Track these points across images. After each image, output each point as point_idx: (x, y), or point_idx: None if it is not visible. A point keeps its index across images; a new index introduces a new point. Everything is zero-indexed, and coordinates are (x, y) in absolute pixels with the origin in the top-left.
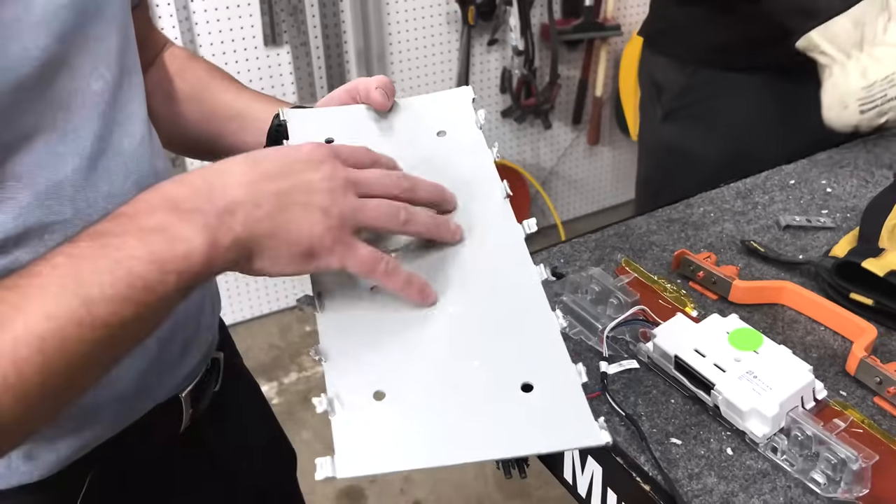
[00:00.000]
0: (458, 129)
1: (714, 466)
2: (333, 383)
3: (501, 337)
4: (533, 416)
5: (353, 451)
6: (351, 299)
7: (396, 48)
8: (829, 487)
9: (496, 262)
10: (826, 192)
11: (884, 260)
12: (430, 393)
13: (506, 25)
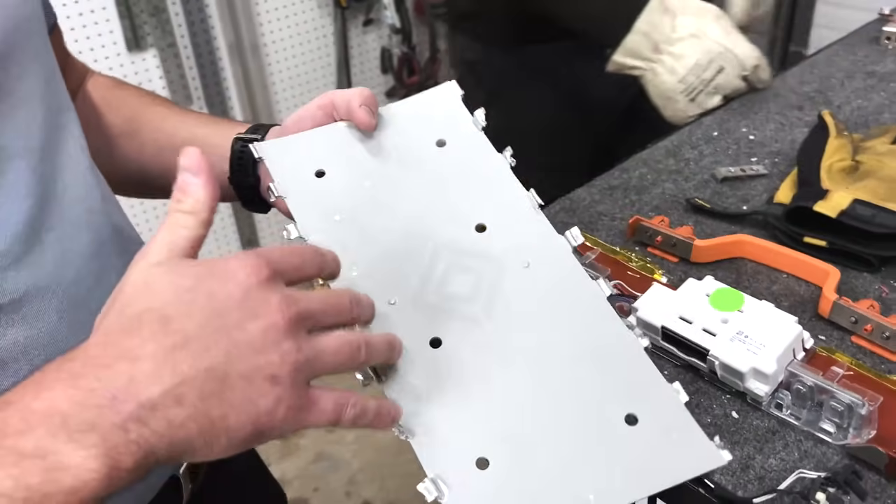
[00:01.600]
0: (457, 136)
1: (724, 432)
2: (430, 463)
3: (584, 366)
4: (647, 451)
5: None
6: (406, 357)
7: (269, 38)
8: (838, 435)
9: (549, 283)
10: (749, 139)
11: (832, 201)
12: (534, 447)
13: (379, 4)
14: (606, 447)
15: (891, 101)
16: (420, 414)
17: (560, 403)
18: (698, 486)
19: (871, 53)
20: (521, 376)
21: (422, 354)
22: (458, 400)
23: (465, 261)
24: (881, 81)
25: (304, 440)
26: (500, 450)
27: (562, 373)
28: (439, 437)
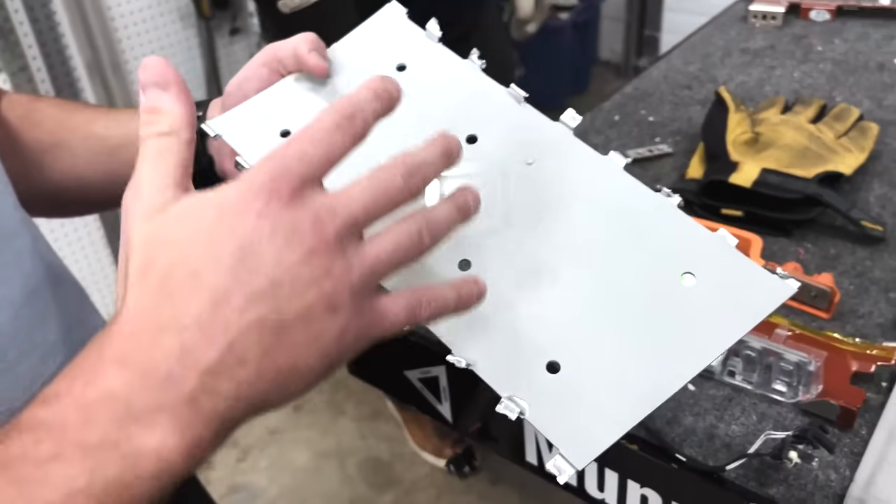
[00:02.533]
0: (415, 55)
1: (684, 406)
2: (500, 385)
3: (622, 241)
4: (715, 303)
5: (573, 436)
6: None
7: (131, 55)
8: (790, 394)
9: (559, 172)
10: (649, 120)
11: (743, 172)
12: (599, 336)
13: (245, 13)
14: (674, 313)
15: (768, 74)
16: (473, 339)
17: (611, 286)
18: (671, 461)
19: (743, 31)
20: (561, 271)
21: (454, 278)
22: (506, 313)
23: (467, 174)
24: (756, 57)
25: (214, 472)
26: (565, 349)
27: (602, 255)
28: (500, 355)
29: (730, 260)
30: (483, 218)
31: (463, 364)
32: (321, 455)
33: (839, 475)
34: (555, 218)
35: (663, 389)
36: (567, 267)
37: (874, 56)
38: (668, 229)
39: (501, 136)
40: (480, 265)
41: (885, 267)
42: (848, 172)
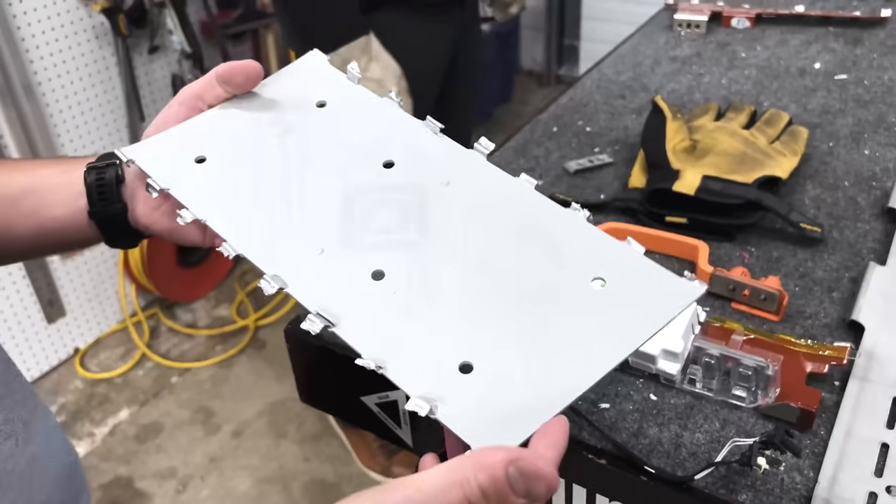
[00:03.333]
0: (335, 93)
1: (648, 417)
2: (412, 385)
3: (534, 253)
4: (625, 306)
5: (484, 434)
6: (351, 298)
7: (44, 76)
8: (750, 398)
9: (475, 192)
10: (586, 131)
11: (686, 180)
12: (511, 339)
13: (163, 29)
14: (585, 315)
15: (697, 81)
16: (384, 344)
17: (523, 292)
18: (639, 473)
19: (670, 40)
20: (474, 280)
21: (367, 289)
22: (419, 318)
23: (383, 196)
24: (684, 65)
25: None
26: (478, 351)
27: (515, 265)
28: (412, 358)
29: (639, 266)
30: (398, 232)
31: (372, 366)
32: (264, 480)
33: (803, 477)
34: (469, 232)
35: (575, 387)
36: (480, 276)
37: (794, 61)
38: (578, 240)
39: (418, 162)
40: (394, 276)
41: (826, 267)
42: (784, 176)
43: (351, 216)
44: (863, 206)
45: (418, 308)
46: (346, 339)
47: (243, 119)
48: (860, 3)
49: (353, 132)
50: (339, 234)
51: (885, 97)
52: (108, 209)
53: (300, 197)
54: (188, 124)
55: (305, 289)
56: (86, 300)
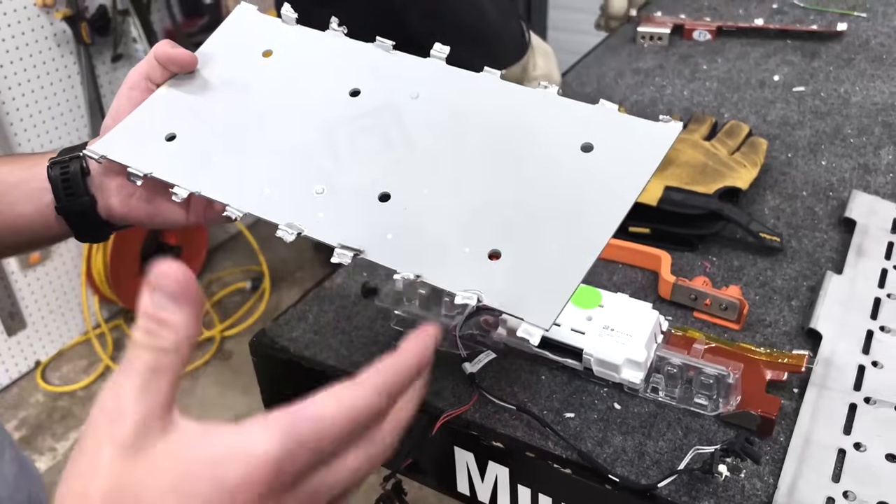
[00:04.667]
0: (277, 40)
1: (612, 425)
2: (453, 284)
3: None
4: (619, 158)
5: (533, 305)
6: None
7: (4, 84)
8: (711, 406)
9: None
10: None
11: (649, 191)
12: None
13: (127, 37)
14: (584, 179)
15: (660, 93)
16: (413, 256)
17: (523, 174)
18: (604, 482)
19: (633, 52)
20: (473, 176)
21: (379, 213)
22: (435, 225)
23: (359, 123)
24: (647, 77)
25: None
26: (500, 236)
27: (507, 153)
28: (443, 261)
29: (617, 122)
30: (384, 153)
31: (411, 276)
32: None
33: (764, 483)
34: (452, 135)
35: (598, 240)
36: (476, 172)
37: (754, 73)
38: (555, 113)
39: (381, 83)
40: (399, 193)
41: (785, 276)
42: (744, 187)
43: (337, 151)
44: (820, 216)
45: (431, 216)
46: (378, 260)
47: (196, 88)
48: (817, 17)
49: (308, 71)
50: (333, 171)
51: (841, 109)
52: (76, 203)
53: (281, 146)
54: (145, 107)
55: (322, 228)
56: (47, 311)
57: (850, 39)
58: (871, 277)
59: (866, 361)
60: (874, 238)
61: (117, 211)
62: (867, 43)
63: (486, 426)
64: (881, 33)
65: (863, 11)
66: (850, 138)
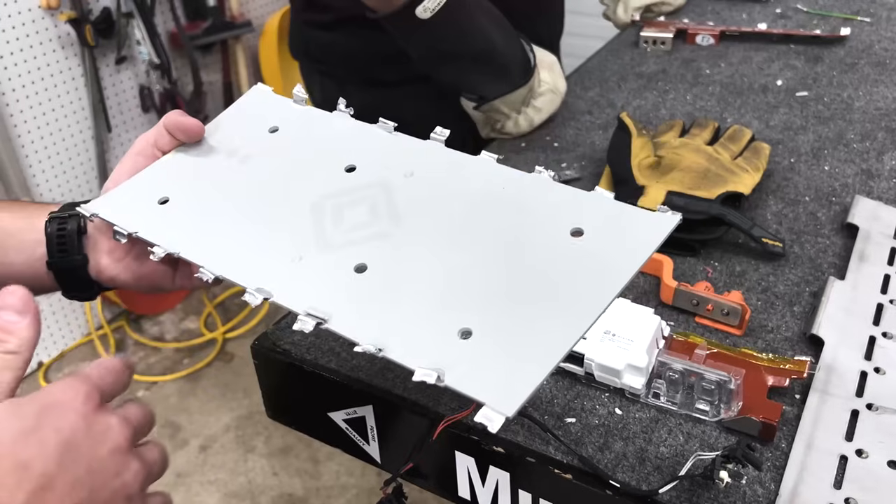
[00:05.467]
0: (285, 118)
1: (613, 431)
2: (415, 360)
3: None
4: (609, 246)
5: (497, 389)
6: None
7: (8, 86)
8: (713, 412)
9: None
10: (554, 146)
11: (650, 196)
12: (506, 294)
13: (131, 40)
14: (572, 264)
15: (663, 98)
16: (379, 329)
17: (508, 255)
18: (605, 488)
19: (636, 56)
20: (457, 253)
21: (352, 283)
22: (410, 300)
23: (349, 196)
24: (650, 81)
25: None
26: (474, 316)
27: (493, 232)
28: (410, 335)
29: (612, 210)
30: (372, 225)
31: (372, 350)
32: (232, 496)
33: (765, 489)
34: (441, 212)
35: (576, 330)
36: (461, 249)
37: (757, 78)
38: (548, 199)
39: (378, 161)
40: (376, 265)
41: (787, 281)
42: (747, 192)
43: (322, 221)
44: (823, 222)
45: (406, 290)
46: (340, 331)
47: (199, 157)
48: (821, 21)
49: (310, 147)
50: (314, 240)
51: (844, 114)
52: (68, 261)
53: (269, 214)
54: (145, 172)
55: (290, 294)
56: (50, 313)
57: (854, 44)
58: (873, 283)
59: (868, 368)
60: (877, 244)
61: (106, 272)
62: (871, 48)
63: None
64: (885, 38)
65: (866, 16)
66: (854, 143)
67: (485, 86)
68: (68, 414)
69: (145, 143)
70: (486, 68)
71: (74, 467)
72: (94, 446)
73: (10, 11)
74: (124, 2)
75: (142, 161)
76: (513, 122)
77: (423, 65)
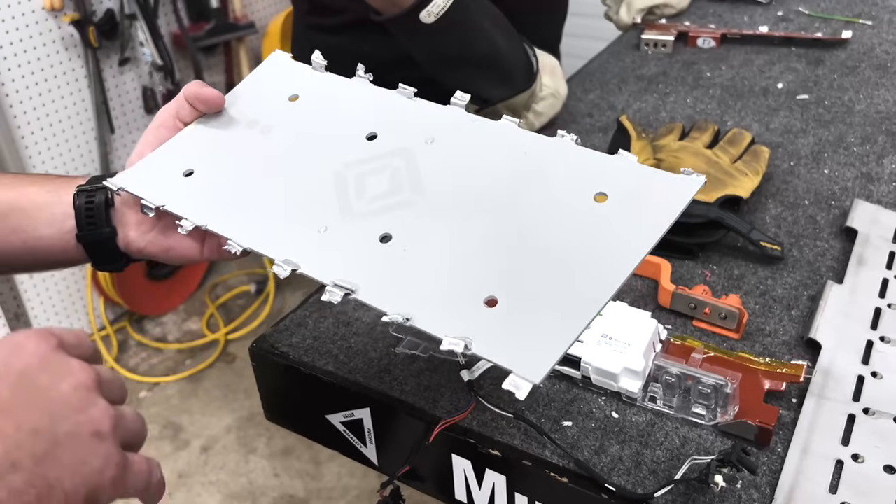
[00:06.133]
0: (305, 85)
1: (609, 434)
2: (442, 329)
3: (533, 181)
4: (634, 210)
5: (523, 356)
6: (364, 264)
7: (12, 87)
8: (709, 416)
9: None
10: None
11: None
12: (530, 262)
13: (134, 41)
14: (596, 229)
15: (663, 100)
16: (406, 298)
17: (531, 221)
18: (601, 491)
19: (637, 59)
20: (480, 221)
21: (378, 253)
22: (435, 268)
23: (371, 165)
24: (651, 84)
25: None
26: (499, 284)
27: (516, 198)
28: (436, 304)
29: (636, 173)
30: (395, 194)
31: (400, 319)
32: (233, 497)
33: (761, 494)
34: (463, 179)
35: (601, 294)
36: (484, 217)
37: (758, 81)
38: (571, 162)
39: (398, 128)
40: (401, 235)
41: (786, 285)
42: (745, 196)
43: (346, 191)
44: (822, 225)
45: (431, 259)
46: (368, 300)
47: (221, 128)
48: (822, 24)
49: (330, 116)
50: (338, 210)
51: (844, 117)
52: (97, 233)
53: (293, 184)
54: (169, 144)
55: (318, 265)
56: (53, 314)
57: (855, 47)
58: (871, 287)
59: (866, 372)
60: (875, 247)
61: (134, 244)
62: (872, 51)
63: (483, 434)
64: (886, 41)
65: (868, 19)
66: (854, 147)
67: (488, 90)
68: (23, 353)
69: (167, 114)
70: (489, 73)
71: (30, 397)
72: (52, 379)
73: (13, 13)
74: (128, 3)
75: (164, 133)
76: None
77: (428, 68)
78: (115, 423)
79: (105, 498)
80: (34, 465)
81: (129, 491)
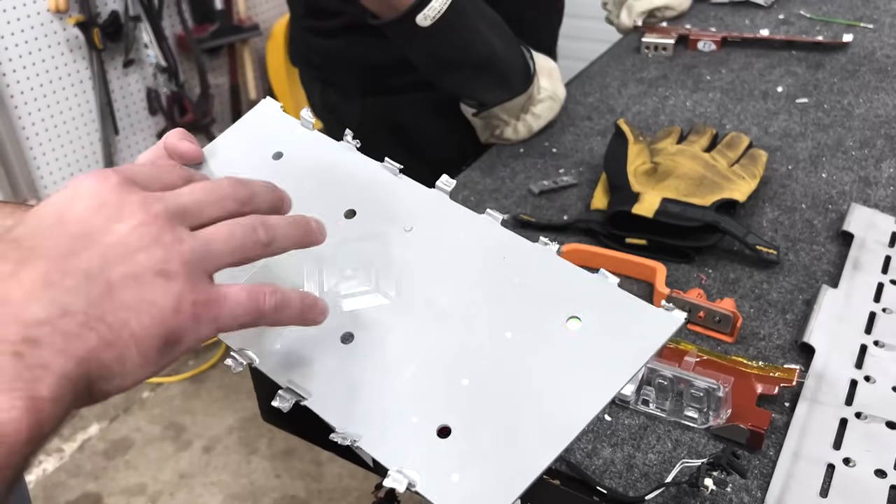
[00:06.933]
0: (291, 143)
1: (602, 437)
2: (388, 458)
3: (506, 294)
4: (605, 341)
5: (472, 500)
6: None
7: (17, 89)
8: (701, 419)
9: (439, 234)
10: (552, 152)
11: (645, 203)
12: (491, 390)
13: (139, 43)
14: (564, 359)
15: (663, 103)
16: (358, 414)
17: (498, 342)
18: (592, 494)
19: (637, 62)
20: (447, 333)
21: (337, 355)
22: (392, 382)
23: (345, 247)
24: (650, 87)
25: None
26: (456, 412)
27: (488, 312)
28: (387, 426)
29: (614, 298)
30: (362, 286)
31: (347, 441)
32: (234, 497)
33: (751, 497)
34: (436, 282)
35: (562, 438)
36: (452, 329)
37: (758, 84)
38: (550, 276)
39: (379, 207)
40: (363, 337)
41: (781, 289)
42: (742, 199)
43: (314, 274)
44: (818, 229)
45: (391, 370)
46: (319, 412)
47: None
48: (823, 27)
49: (311, 184)
50: None
51: (843, 121)
52: None
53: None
54: None
55: (275, 361)
56: None
57: (856, 51)
58: (866, 291)
59: (859, 376)
60: (871, 252)
61: None
62: (873, 54)
63: None
64: (887, 45)
65: (869, 23)
66: (852, 151)
67: (485, 93)
68: (81, 194)
69: (147, 160)
70: (486, 76)
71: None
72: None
73: (19, 15)
74: (132, 5)
75: None
76: (512, 129)
77: (425, 72)
78: (188, 256)
79: (191, 338)
80: (88, 307)
81: (230, 322)
